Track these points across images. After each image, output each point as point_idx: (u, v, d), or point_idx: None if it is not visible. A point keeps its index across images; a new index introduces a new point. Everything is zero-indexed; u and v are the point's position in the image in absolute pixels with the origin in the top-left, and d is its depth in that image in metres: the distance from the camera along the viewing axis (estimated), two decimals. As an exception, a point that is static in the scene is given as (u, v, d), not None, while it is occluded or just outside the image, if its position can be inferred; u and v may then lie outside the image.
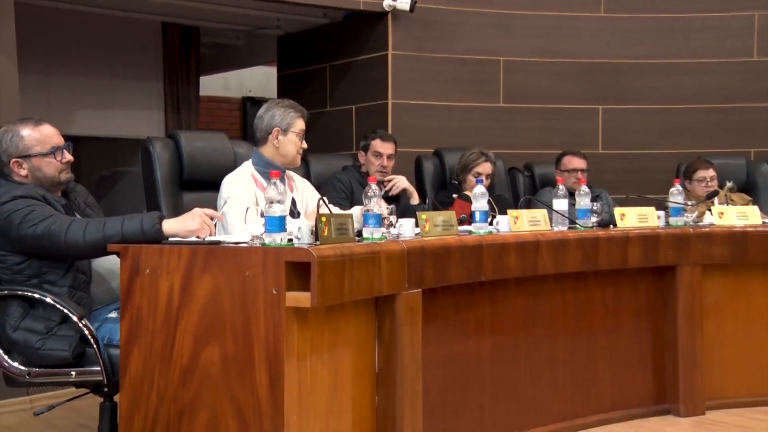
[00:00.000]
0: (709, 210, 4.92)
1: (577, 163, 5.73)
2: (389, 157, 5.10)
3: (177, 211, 3.76)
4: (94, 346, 3.22)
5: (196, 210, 3.28)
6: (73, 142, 3.54)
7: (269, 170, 3.66)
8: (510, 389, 3.96)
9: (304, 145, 4.17)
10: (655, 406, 4.52)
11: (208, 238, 3.16)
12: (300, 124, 4.15)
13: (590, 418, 4.26)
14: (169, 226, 3.17)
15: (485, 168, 5.28)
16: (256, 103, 10.12)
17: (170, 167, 4.04)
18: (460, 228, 3.80)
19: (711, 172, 5.93)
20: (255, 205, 3.62)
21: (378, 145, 5.05)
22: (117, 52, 7.83)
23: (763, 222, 4.85)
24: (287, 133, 4.08)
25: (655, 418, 4.45)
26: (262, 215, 2.97)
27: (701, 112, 6.98)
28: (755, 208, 4.95)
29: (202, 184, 4.10)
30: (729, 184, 5.96)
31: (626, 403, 4.42)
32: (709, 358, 4.57)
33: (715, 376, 4.61)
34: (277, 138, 4.05)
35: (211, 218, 3.28)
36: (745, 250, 4.63)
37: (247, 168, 4.04)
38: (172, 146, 4.08)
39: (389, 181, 5.07)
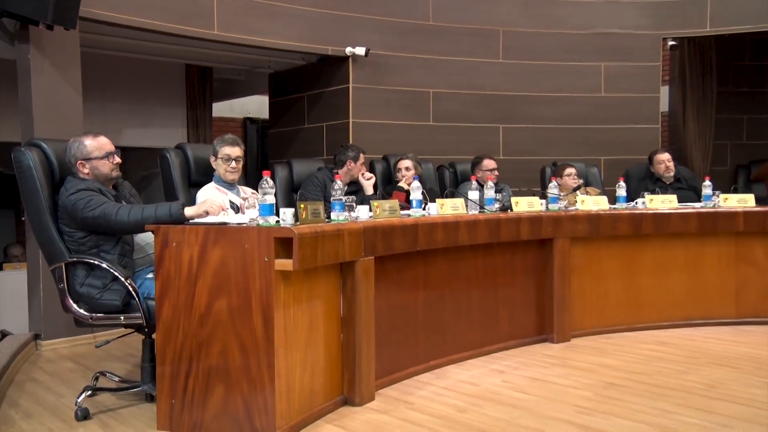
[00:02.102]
0: (576, 197, 4.93)
1: (491, 164, 5.71)
2: (363, 164, 5.05)
3: (189, 202, 3.72)
4: (136, 298, 3.21)
5: (207, 200, 3.34)
6: (122, 150, 3.53)
7: (220, 185, 3.92)
8: (437, 327, 3.93)
9: (233, 165, 3.96)
10: (538, 337, 4.52)
11: (217, 220, 3.12)
12: (225, 150, 3.95)
13: (494, 346, 4.26)
14: (189, 211, 3.17)
15: (403, 163, 5.27)
16: (253, 122, 10.07)
17: (181, 169, 3.95)
18: (402, 212, 3.76)
19: (574, 171, 5.95)
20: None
21: (361, 158, 4.98)
22: (152, 86, 7.84)
23: (610, 207, 4.87)
24: (217, 158, 3.96)
25: (538, 345, 4.45)
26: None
27: (567, 130, 7.04)
28: (604, 198, 4.98)
29: (204, 182, 4.00)
30: (581, 183, 5.99)
31: (518, 335, 4.42)
32: (573, 302, 4.59)
33: (577, 314, 4.63)
34: (215, 161, 3.95)
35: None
36: (598, 228, 4.65)
37: (212, 184, 3.97)
38: (182, 155, 3.99)
39: (370, 178, 5.04)
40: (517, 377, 3.76)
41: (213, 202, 3.24)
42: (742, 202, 5.08)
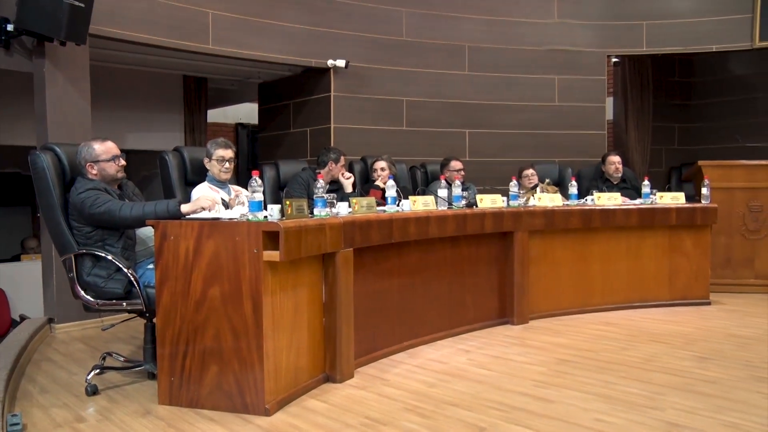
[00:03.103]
0: (533, 195, 4.91)
1: (458, 165, 5.67)
2: (343, 164, 4.98)
3: (185, 199, 3.65)
4: (137, 287, 3.15)
5: (202, 196, 3.29)
6: (126, 153, 3.48)
7: (213, 184, 3.82)
8: (410, 312, 3.89)
9: (227, 166, 3.85)
10: (500, 319, 4.49)
11: (211, 216, 3.06)
12: (219, 153, 3.83)
13: (460, 328, 4.22)
14: (186, 207, 3.13)
15: (379, 164, 5.22)
16: (244, 127, 9.98)
17: (179, 170, 3.87)
18: (378, 208, 3.72)
19: (532, 171, 5.94)
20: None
21: (342, 159, 4.90)
22: (153, 95, 7.74)
23: (564, 204, 4.86)
24: (211, 160, 3.86)
25: (500, 327, 4.43)
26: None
27: (525, 135, 7.02)
28: (558, 195, 4.97)
29: (198, 181, 3.92)
30: (547, 180, 5.98)
31: (482, 318, 4.39)
32: (531, 288, 4.57)
33: (534, 299, 4.61)
34: (209, 163, 3.86)
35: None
36: (552, 222, 4.64)
37: (205, 183, 3.86)
38: (179, 156, 3.91)
39: (349, 177, 4.97)
40: (482, 355, 3.73)
41: (207, 198, 3.19)
42: (675, 199, 5.11)
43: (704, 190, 5.16)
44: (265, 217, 2.89)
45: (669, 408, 2.82)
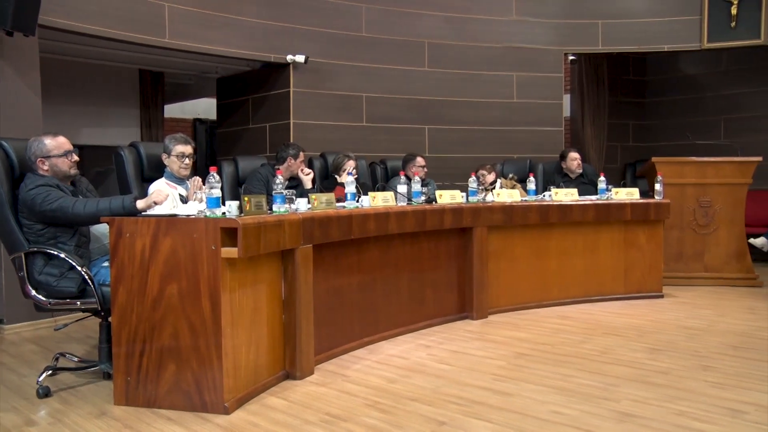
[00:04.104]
0: (491, 192, 4.97)
1: (422, 161, 5.69)
2: (302, 160, 4.94)
3: (142, 196, 3.54)
4: (91, 285, 3.09)
5: (155, 191, 3.26)
6: (79, 148, 3.43)
7: (171, 180, 3.76)
8: (370, 308, 3.90)
9: (186, 162, 3.78)
10: (459, 314, 4.53)
11: (168, 212, 3.01)
12: (179, 148, 3.76)
13: (420, 323, 4.25)
14: (141, 203, 3.09)
15: (351, 164, 5.21)
16: (202, 122, 9.84)
17: (135, 166, 3.80)
18: (338, 204, 3.71)
19: (489, 169, 5.95)
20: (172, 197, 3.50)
21: (301, 155, 4.86)
22: (108, 89, 7.58)
23: (522, 200, 4.93)
24: (170, 156, 3.79)
25: (459, 322, 4.47)
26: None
27: (484, 131, 7.11)
28: (517, 191, 5.04)
29: (156, 177, 3.84)
30: (511, 175, 6.06)
31: (442, 313, 4.42)
32: (490, 283, 4.62)
33: (493, 294, 4.66)
34: (168, 159, 3.79)
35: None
36: (511, 217, 4.69)
37: (163, 179, 3.79)
38: (135, 152, 3.84)
39: (308, 173, 4.94)
40: (442, 351, 3.76)
41: (159, 192, 3.15)
42: (630, 195, 5.23)
43: (657, 186, 5.29)
44: (223, 213, 2.86)
45: (622, 399, 2.90)
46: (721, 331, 4.13)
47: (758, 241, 6.50)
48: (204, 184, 3.01)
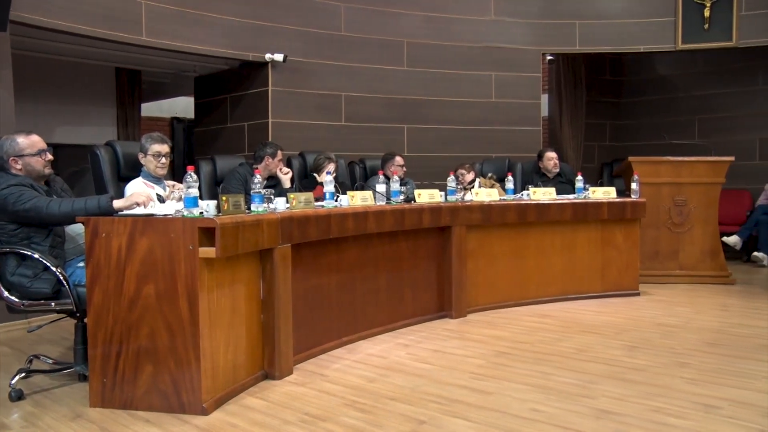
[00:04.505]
0: (470, 191, 4.99)
1: (401, 161, 5.70)
2: (281, 159, 4.92)
3: (118, 195, 3.50)
4: (66, 286, 3.04)
5: (136, 192, 3.20)
6: (54, 147, 3.40)
7: (148, 179, 3.72)
8: (349, 307, 3.89)
9: (163, 161, 3.75)
10: (438, 313, 4.54)
11: (145, 212, 2.98)
12: (155, 148, 3.73)
13: (399, 323, 4.25)
14: (118, 203, 3.04)
15: (332, 167, 5.19)
16: (180, 121, 9.74)
17: (111, 165, 3.76)
18: (316, 203, 3.70)
19: (468, 168, 6.00)
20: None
21: (279, 154, 4.84)
22: (84, 87, 7.44)
23: (500, 199, 4.95)
24: (146, 155, 3.75)
25: (438, 320, 4.48)
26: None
27: (463, 131, 7.13)
28: (496, 190, 5.07)
29: (132, 177, 3.80)
30: (489, 174, 6.08)
31: (421, 312, 4.43)
32: (469, 282, 4.64)
33: (472, 292, 4.68)
34: (144, 158, 3.76)
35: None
36: (490, 216, 4.71)
37: (140, 178, 3.76)
38: (112, 151, 3.79)
39: (287, 172, 4.91)
40: (421, 350, 3.77)
41: (141, 194, 3.10)
42: (607, 194, 5.28)
43: (634, 185, 5.35)
44: (201, 213, 2.84)
45: (600, 396, 2.92)
46: (696, 329, 4.19)
47: (731, 240, 6.61)
48: (182, 184, 2.98)
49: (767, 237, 6.69)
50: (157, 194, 3.62)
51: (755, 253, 6.72)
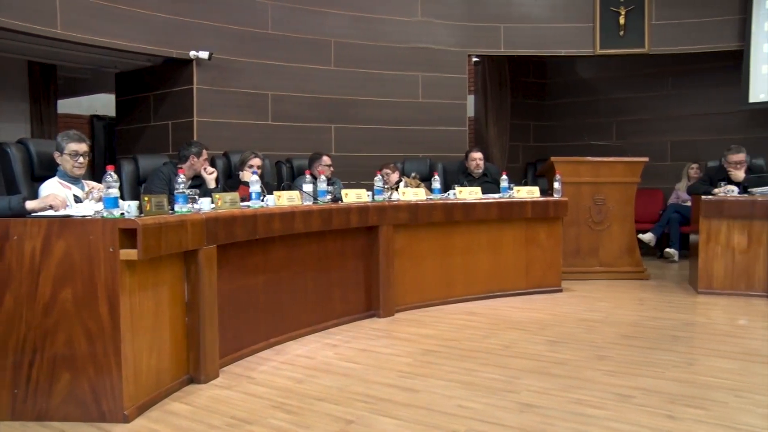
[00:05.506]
0: (396, 191, 5.03)
1: (329, 160, 5.68)
2: (206, 159, 4.82)
3: (32, 196, 3.37)
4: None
5: (51, 194, 3.11)
6: None
7: (64, 179, 3.58)
8: (277, 308, 3.86)
9: (81, 160, 3.60)
10: (367, 312, 4.56)
11: (61, 213, 2.85)
12: (72, 146, 3.58)
13: (328, 323, 4.24)
14: (31, 204, 2.95)
15: (256, 162, 5.13)
16: (101, 119, 9.37)
17: (23, 164, 3.59)
18: (242, 204, 3.66)
19: (392, 168, 6.01)
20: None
21: (204, 153, 4.73)
22: (-7, 82, 7.09)
23: (427, 198, 5.02)
24: (62, 154, 3.60)
25: (366, 320, 4.50)
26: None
27: (390, 131, 7.17)
28: (422, 190, 5.13)
29: (48, 176, 3.64)
30: (413, 174, 6.14)
31: (350, 312, 4.44)
32: (397, 281, 4.68)
33: (400, 291, 4.72)
34: (60, 157, 3.62)
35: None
36: (417, 216, 4.77)
37: (55, 178, 3.61)
38: (24, 149, 3.63)
39: (212, 172, 4.81)
40: (348, 349, 3.78)
41: (57, 197, 2.98)
42: (531, 193, 5.43)
43: (556, 185, 5.53)
44: (122, 213, 2.76)
45: (524, 390, 3.02)
46: (615, 322, 4.37)
47: (646, 237, 6.93)
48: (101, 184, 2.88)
49: (678, 234, 7.06)
50: (75, 195, 3.49)
51: (667, 249, 7.08)
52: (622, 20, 7.44)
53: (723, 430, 2.54)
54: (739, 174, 5.54)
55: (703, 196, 5.29)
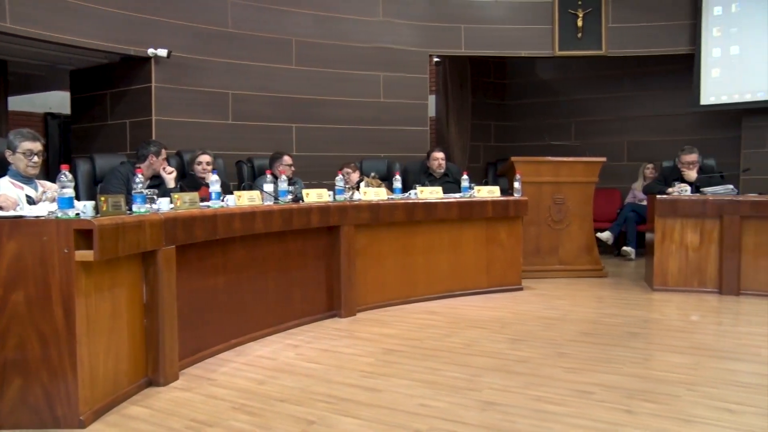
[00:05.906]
0: (357, 191, 5.03)
1: (290, 160, 5.65)
2: (165, 158, 4.75)
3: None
4: None
5: (1, 195, 3.09)
6: None
7: (16, 179, 3.49)
8: (237, 308, 3.83)
9: (35, 160, 3.52)
10: (328, 313, 4.55)
11: (12, 214, 2.77)
12: (26, 146, 3.50)
13: (289, 323, 4.22)
14: None
15: (205, 158, 5.08)
16: (55, 117, 9.14)
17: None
18: (202, 204, 3.61)
19: (353, 168, 6.01)
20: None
21: (163, 153, 4.66)
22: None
23: (388, 198, 5.03)
24: (15, 153, 3.52)
25: (328, 320, 4.49)
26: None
27: (352, 130, 7.17)
28: (383, 189, 5.15)
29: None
30: (372, 174, 6.15)
31: (311, 312, 4.42)
32: (358, 281, 4.68)
33: (361, 291, 4.73)
34: (13, 156, 3.53)
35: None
36: (378, 215, 4.78)
37: (6, 178, 3.52)
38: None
39: (171, 172, 4.75)
40: (310, 350, 3.77)
41: (8, 198, 2.91)
42: (491, 193, 5.49)
43: (516, 184, 5.60)
44: (77, 214, 2.70)
45: (486, 388, 3.05)
46: (574, 320, 4.45)
47: (604, 235, 7.08)
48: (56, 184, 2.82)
49: (635, 233, 7.22)
50: (27, 195, 3.40)
51: (624, 248, 7.24)
52: (580, 23, 7.58)
53: (677, 423, 2.61)
54: (692, 174, 5.70)
55: (657, 196, 5.42)
